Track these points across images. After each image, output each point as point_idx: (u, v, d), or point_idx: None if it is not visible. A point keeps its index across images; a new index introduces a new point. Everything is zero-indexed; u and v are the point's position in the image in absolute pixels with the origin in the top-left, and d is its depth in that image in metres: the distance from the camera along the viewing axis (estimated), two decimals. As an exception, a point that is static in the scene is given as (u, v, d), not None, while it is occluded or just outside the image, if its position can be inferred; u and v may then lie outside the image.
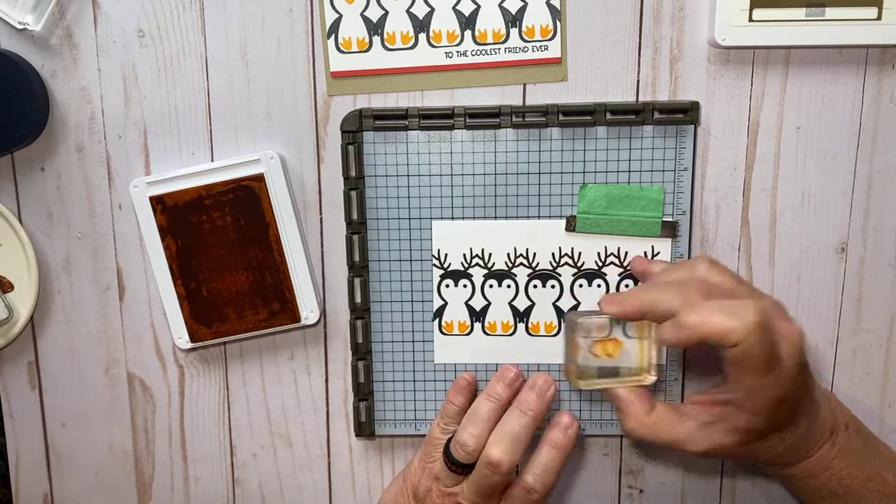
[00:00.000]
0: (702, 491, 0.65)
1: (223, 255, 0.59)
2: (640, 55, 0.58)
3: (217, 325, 0.60)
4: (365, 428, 0.63)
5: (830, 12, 0.55)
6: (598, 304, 0.53)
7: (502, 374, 0.56)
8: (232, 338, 0.61)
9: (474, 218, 0.60)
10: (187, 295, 0.60)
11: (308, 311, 0.60)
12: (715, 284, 0.51)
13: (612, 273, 0.60)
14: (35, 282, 0.61)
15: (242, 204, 0.58)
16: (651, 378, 0.56)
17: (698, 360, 0.62)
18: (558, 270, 0.60)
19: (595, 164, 0.59)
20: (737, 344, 0.47)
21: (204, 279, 0.59)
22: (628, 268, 0.60)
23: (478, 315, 0.61)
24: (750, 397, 0.49)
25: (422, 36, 0.58)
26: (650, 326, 0.55)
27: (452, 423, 0.58)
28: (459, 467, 0.55)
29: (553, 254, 0.60)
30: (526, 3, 0.57)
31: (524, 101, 0.59)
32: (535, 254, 0.60)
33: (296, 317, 0.60)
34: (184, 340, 0.61)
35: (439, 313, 0.61)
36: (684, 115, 0.58)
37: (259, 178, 0.58)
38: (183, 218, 0.58)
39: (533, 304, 0.61)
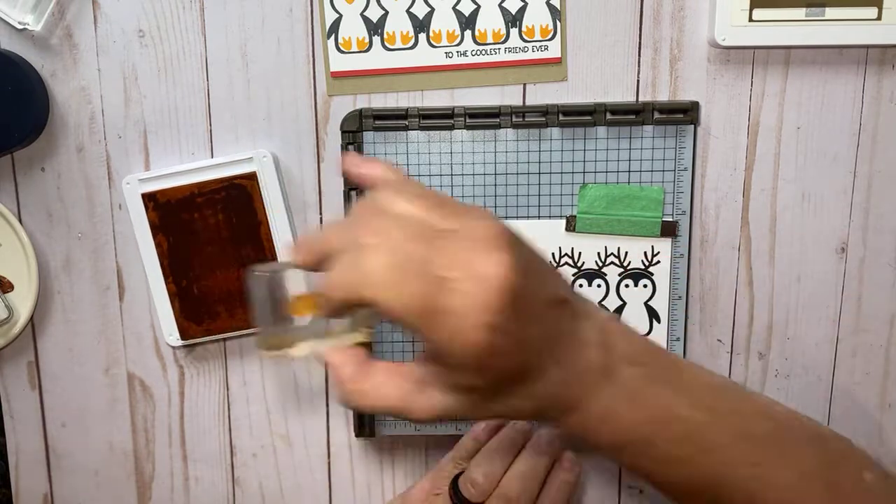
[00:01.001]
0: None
1: (215, 252, 0.59)
2: (640, 55, 0.58)
3: (208, 322, 0.60)
4: (365, 428, 0.63)
5: (830, 12, 0.55)
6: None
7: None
8: (224, 335, 0.61)
9: (474, 218, 0.60)
10: (178, 292, 0.60)
11: (306, 310, 0.60)
12: (397, 215, 0.38)
13: (612, 273, 0.60)
14: (35, 282, 0.60)
15: (234, 202, 0.58)
16: (365, 334, 0.44)
17: (698, 360, 0.62)
18: (558, 270, 0.60)
19: (595, 164, 0.59)
20: (371, 303, 0.37)
21: (195, 277, 0.59)
22: (629, 268, 0.60)
23: (478, 315, 0.61)
24: (439, 356, 0.39)
25: (422, 36, 0.58)
26: None
27: (468, 459, 0.56)
28: None
29: (553, 254, 0.60)
30: (526, 3, 0.57)
31: (524, 101, 0.59)
32: (534, 254, 0.60)
33: None
34: (174, 338, 0.61)
35: (439, 313, 0.61)
36: (684, 115, 0.58)
37: (251, 177, 0.58)
38: (175, 215, 0.58)
39: (533, 304, 0.61)
